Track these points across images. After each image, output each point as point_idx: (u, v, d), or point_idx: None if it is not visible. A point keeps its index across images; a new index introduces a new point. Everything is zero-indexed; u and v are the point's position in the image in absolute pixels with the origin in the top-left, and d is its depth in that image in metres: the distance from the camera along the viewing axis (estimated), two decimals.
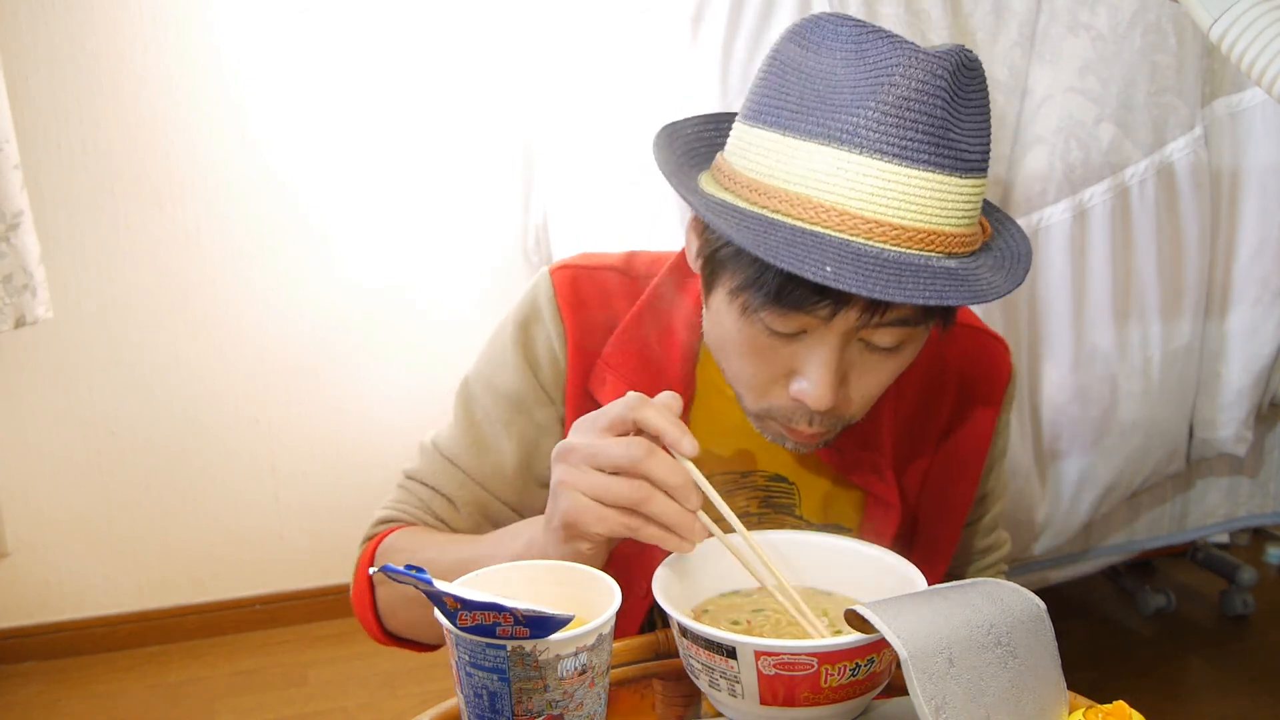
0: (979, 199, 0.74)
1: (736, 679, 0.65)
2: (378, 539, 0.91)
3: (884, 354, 0.76)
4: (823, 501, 0.93)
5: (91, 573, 2.28)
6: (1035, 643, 0.66)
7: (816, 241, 0.68)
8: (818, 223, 0.69)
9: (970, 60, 0.70)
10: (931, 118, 0.68)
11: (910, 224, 0.69)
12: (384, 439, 2.35)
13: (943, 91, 0.68)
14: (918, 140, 0.68)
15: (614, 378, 0.87)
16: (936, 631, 0.62)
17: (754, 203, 0.72)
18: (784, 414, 0.78)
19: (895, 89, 0.67)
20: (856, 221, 0.69)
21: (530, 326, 0.91)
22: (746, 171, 0.73)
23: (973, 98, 0.71)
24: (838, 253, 0.68)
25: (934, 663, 0.61)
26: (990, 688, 0.64)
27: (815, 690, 0.64)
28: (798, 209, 0.70)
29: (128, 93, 2.09)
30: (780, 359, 0.76)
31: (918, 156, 0.68)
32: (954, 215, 0.71)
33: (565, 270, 0.92)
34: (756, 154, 0.73)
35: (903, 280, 0.67)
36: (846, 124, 0.68)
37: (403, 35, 2.20)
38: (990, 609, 0.66)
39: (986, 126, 0.73)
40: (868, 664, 0.65)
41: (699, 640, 0.65)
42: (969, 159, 0.70)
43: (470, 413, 0.93)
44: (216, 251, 2.21)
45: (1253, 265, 1.75)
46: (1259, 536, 2.66)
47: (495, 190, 2.31)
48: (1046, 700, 0.67)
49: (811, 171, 0.69)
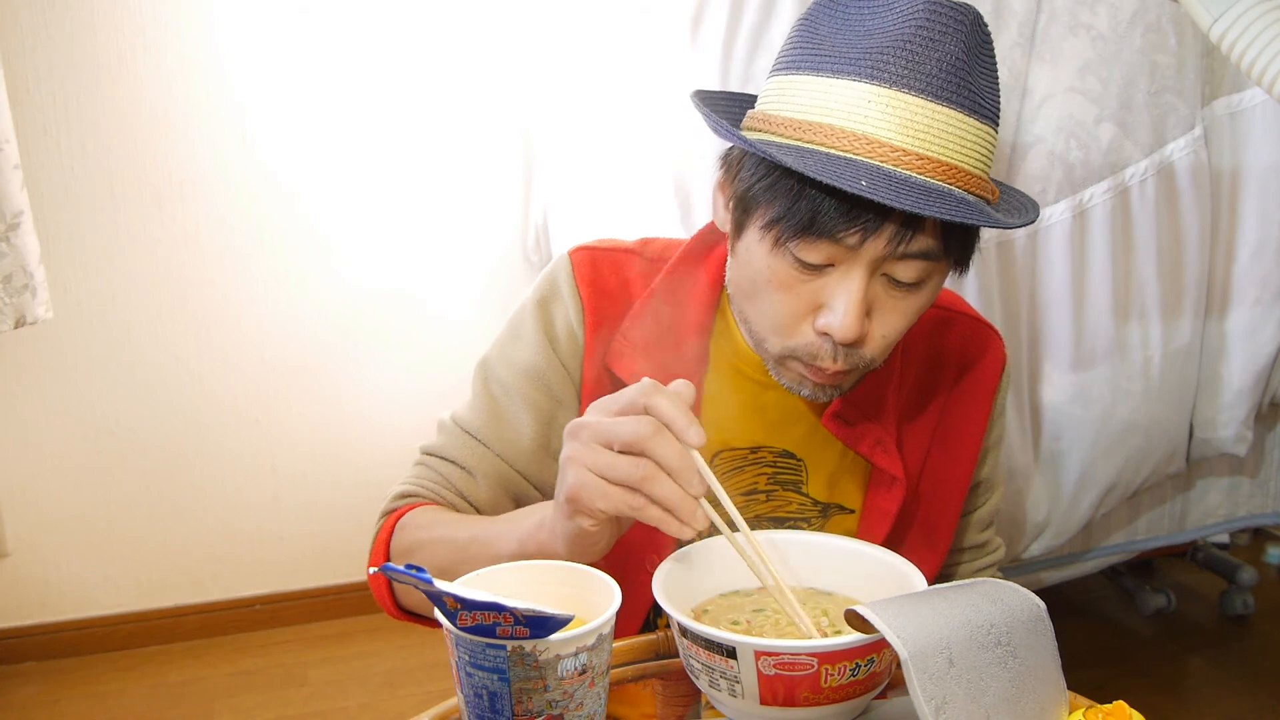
0: (992, 148, 0.79)
1: (736, 679, 0.65)
2: (397, 514, 0.91)
3: (906, 291, 0.80)
4: (829, 478, 0.95)
5: (91, 573, 2.28)
6: (1035, 643, 0.66)
7: (851, 165, 0.74)
8: (850, 150, 0.75)
9: (982, 19, 0.78)
10: (955, 58, 0.75)
11: (935, 155, 0.75)
12: (384, 439, 2.35)
13: (963, 38, 0.75)
14: (942, 78, 0.74)
15: (632, 352, 0.90)
16: (936, 631, 0.62)
17: (789, 136, 0.77)
18: (808, 352, 0.81)
19: (923, 30, 0.74)
20: (887, 150, 0.74)
21: (550, 304, 0.93)
22: (781, 112, 0.79)
23: (986, 50, 0.79)
24: (870, 172, 0.73)
25: (934, 663, 0.61)
26: (990, 688, 0.64)
27: (815, 690, 0.64)
28: (832, 139, 0.75)
29: (128, 93, 2.09)
30: (808, 293, 0.79)
31: (942, 93, 0.74)
32: (972, 155, 0.77)
33: (583, 251, 0.95)
34: (791, 95, 0.78)
35: (930, 200, 0.72)
36: (878, 61, 0.74)
37: (403, 35, 2.20)
38: (990, 609, 0.66)
39: (997, 81, 0.79)
40: (868, 664, 0.65)
41: (699, 640, 0.65)
42: (984, 105, 0.77)
43: (489, 388, 0.95)
44: (216, 251, 2.21)
45: (1253, 265, 1.75)
46: (1259, 536, 2.66)
47: (495, 190, 2.31)
48: (1046, 700, 0.67)
49: (845, 104, 0.75)
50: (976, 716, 0.62)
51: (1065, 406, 1.69)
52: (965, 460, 0.99)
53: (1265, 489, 2.03)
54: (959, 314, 1.00)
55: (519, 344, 0.94)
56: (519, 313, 0.95)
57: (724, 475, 0.93)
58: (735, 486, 0.93)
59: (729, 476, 0.93)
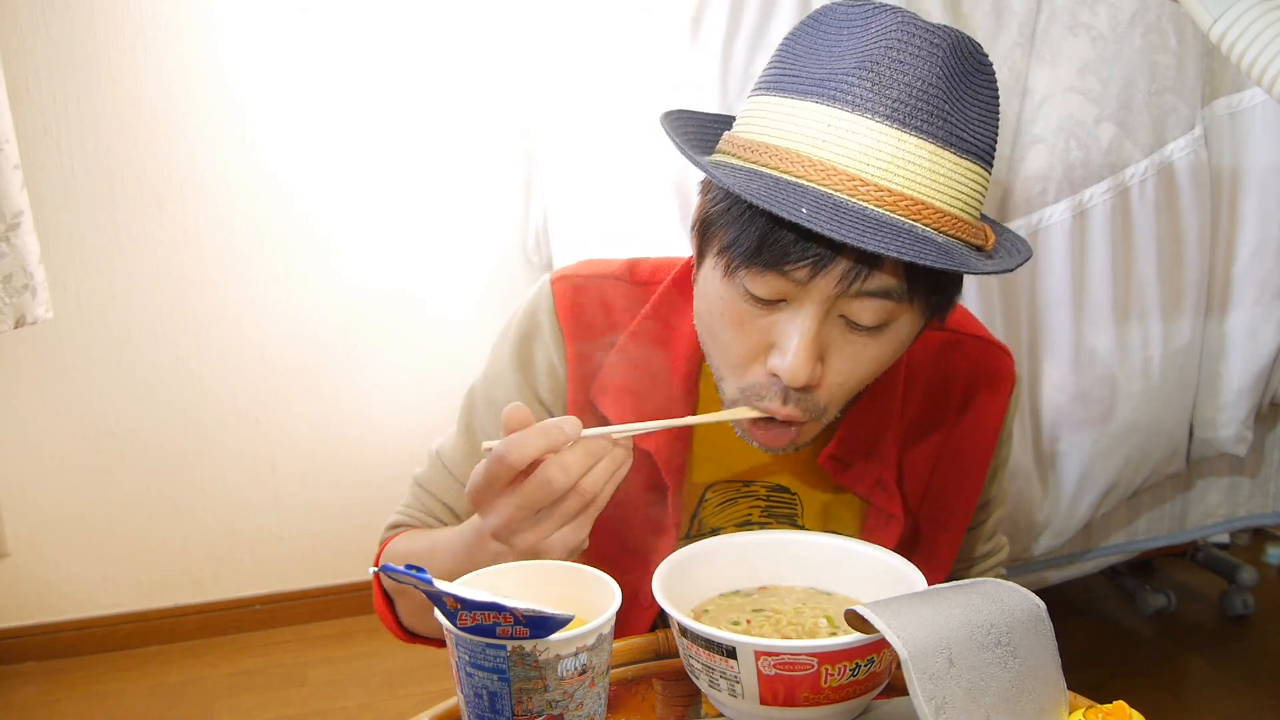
0: (978, 186, 0.73)
1: (736, 679, 0.65)
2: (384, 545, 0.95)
3: (866, 336, 0.74)
4: (823, 511, 0.93)
5: (91, 573, 2.28)
6: (1035, 642, 0.66)
7: (798, 189, 0.68)
8: (804, 176, 0.69)
9: (976, 47, 0.71)
10: (927, 84, 0.68)
11: (898, 188, 0.68)
12: (384, 439, 2.35)
13: (939, 64, 0.69)
14: (910, 104, 0.68)
15: (616, 388, 0.87)
16: (937, 631, 0.62)
17: (745, 159, 0.72)
18: (759, 392, 0.76)
19: (891, 52, 0.68)
20: (842, 178, 0.68)
21: (530, 341, 0.91)
22: (746, 135, 0.74)
23: (976, 83, 0.71)
24: (817, 200, 0.67)
25: (934, 663, 0.61)
26: (990, 687, 0.64)
27: (815, 690, 0.64)
28: (786, 163, 0.70)
29: (128, 93, 2.09)
30: (759, 331, 0.75)
31: (910, 121, 0.68)
32: (946, 191, 0.70)
33: (566, 281, 0.91)
34: (756, 117, 0.74)
35: (880, 234, 0.66)
36: (841, 83, 0.69)
37: (403, 35, 2.19)
38: (990, 609, 0.66)
39: (991, 118, 0.72)
40: (868, 664, 0.65)
41: (699, 640, 0.65)
42: (965, 139, 0.70)
43: (469, 424, 0.95)
44: (216, 251, 2.20)
45: (1253, 265, 1.75)
46: (1259, 536, 2.66)
47: (495, 191, 2.31)
48: (1046, 700, 0.67)
49: (802, 128, 0.70)
50: (976, 716, 0.62)
51: (1065, 406, 1.69)
52: (971, 486, 0.96)
53: (1265, 489, 2.03)
54: (967, 336, 0.95)
55: (498, 384, 0.93)
56: (500, 344, 0.94)
57: (716, 508, 0.91)
58: (728, 518, 0.92)
59: (721, 509, 0.91)
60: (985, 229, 0.77)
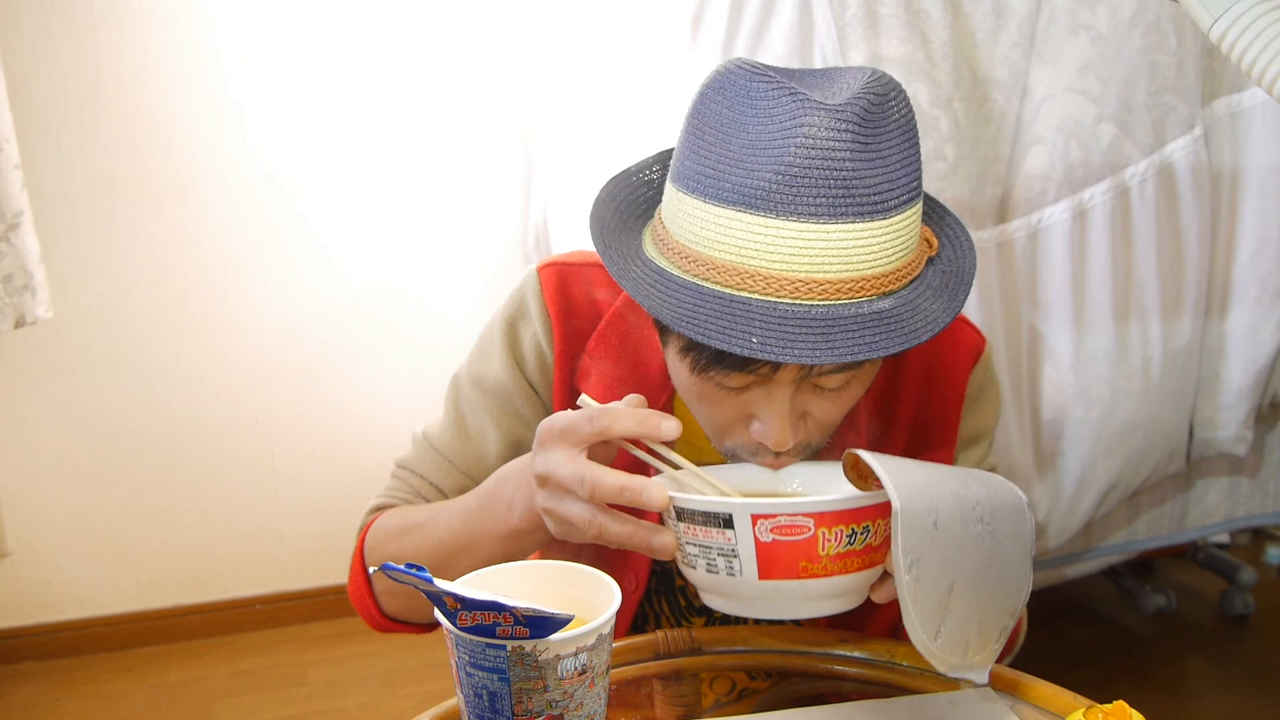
0: (911, 229, 0.74)
1: (734, 553, 0.65)
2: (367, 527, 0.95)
3: (840, 388, 0.77)
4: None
5: (91, 573, 2.28)
6: (1014, 531, 0.70)
7: (744, 309, 0.70)
8: (744, 288, 0.70)
9: (879, 95, 0.70)
10: (838, 172, 0.68)
11: (836, 276, 0.70)
12: (384, 438, 2.35)
13: (847, 145, 0.68)
14: (828, 198, 0.68)
15: (598, 372, 0.90)
16: (928, 494, 0.65)
17: (685, 270, 0.73)
18: (749, 450, 0.80)
19: (799, 149, 0.68)
20: (781, 284, 0.70)
21: (517, 324, 0.94)
22: (677, 237, 0.75)
23: (885, 136, 0.71)
24: (764, 320, 0.69)
25: (920, 521, 0.64)
26: (963, 560, 0.66)
27: (813, 559, 0.64)
28: (725, 276, 0.71)
29: (128, 93, 2.09)
30: (736, 406, 0.77)
31: (832, 212, 0.69)
32: (882, 256, 0.71)
33: (552, 268, 0.94)
34: (684, 220, 0.74)
35: (831, 338, 0.68)
36: (758, 188, 0.69)
37: (403, 35, 2.20)
38: (979, 490, 0.69)
39: (909, 155, 0.72)
40: (864, 532, 0.66)
41: (695, 517, 0.66)
42: (889, 200, 0.70)
43: (458, 406, 0.97)
44: (216, 251, 2.21)
45: (1253, 265, 1.75)
46: (1259, 536, 2.66)
47: (495, 190, 2.31)
48: (1009, 585, 0.70)
49: (732, 238, 0.70)
50: (942, 583, 0.65)
51: (1065, 406, 1.69)
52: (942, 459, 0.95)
53: (1265, 489, 2.03)
54: None
55: (488, 364, 0.95)
56: (489, 330, 0.96)
57: None
58: None
59: None
60: (929, 236, 0.78)
